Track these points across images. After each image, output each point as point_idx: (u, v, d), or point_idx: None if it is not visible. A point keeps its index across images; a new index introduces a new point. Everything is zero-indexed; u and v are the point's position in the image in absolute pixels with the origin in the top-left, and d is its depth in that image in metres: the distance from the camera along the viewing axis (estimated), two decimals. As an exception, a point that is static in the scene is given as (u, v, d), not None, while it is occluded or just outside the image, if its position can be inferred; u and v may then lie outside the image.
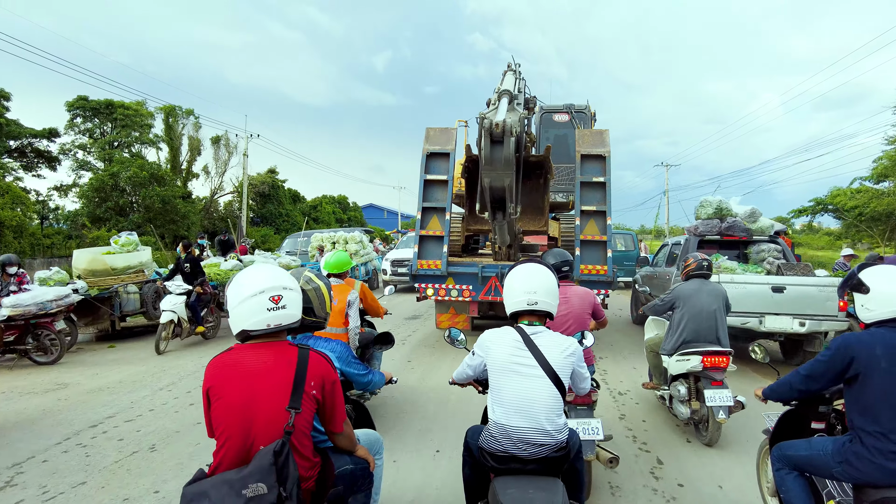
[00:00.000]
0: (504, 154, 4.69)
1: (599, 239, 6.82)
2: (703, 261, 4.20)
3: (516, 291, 2.20)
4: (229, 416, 1.67)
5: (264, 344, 1.77)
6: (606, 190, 7.02)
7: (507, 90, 5.15)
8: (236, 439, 1.66)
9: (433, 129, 7.54)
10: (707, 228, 7.04)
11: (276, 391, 1.69)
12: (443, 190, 7.16)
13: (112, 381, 5.81)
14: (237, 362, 1.73)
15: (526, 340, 2.10)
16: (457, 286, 6.95)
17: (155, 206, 23.12)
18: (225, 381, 1.70)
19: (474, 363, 2.31)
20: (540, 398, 2.00)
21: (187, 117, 27.37)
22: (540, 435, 1.97)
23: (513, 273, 2.28)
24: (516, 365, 2.06)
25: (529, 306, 2.16)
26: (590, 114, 9.97)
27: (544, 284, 2.20)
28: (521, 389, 2.02)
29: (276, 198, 32.43)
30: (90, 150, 23.16)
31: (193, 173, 29.11)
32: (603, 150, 7.21)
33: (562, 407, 2.06)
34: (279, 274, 1.84)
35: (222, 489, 1.55)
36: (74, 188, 22.30)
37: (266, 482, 1.54)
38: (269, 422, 1.67)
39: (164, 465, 3.61)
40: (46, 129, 21.49)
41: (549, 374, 2.03)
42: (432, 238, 7.04)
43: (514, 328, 2.17)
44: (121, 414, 4.70)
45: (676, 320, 4.07)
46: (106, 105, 22.87)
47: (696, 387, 3.96)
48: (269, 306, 1.73)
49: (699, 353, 3.85)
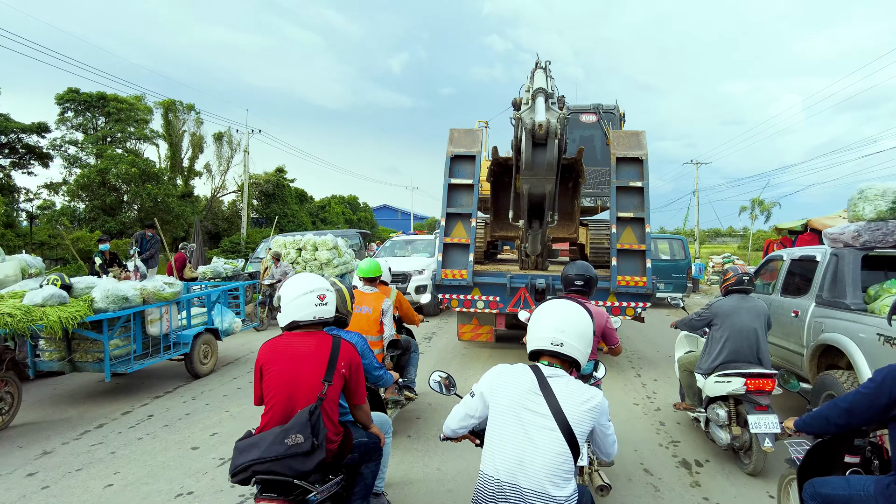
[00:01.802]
0: (547, 158, 4.41)
1: (637, 248, 6.28)
2: (744, 275, 3.95)
3: (542, 327, 1.90)
4: (278, 385, 2.12)
5: (308, 332, 2.25)
6: (644, 195, 6.49)
7: (543, 88, 4.67)
8: (282, 404, 2.11)
9: (457, 130, 7.14)
10: (879, 237, 4.22)
11: (315, 368, 2.14)
12: (468, 195, 6.72)
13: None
14: (287, 345, 2.19)
15: (542, 383, 1.79)
16: (483, 297, 6.50)
17: (146, 206, 22.06)
18: (276, 359, 2.16)
19: (474, 405, 1.94)
20: (544, 456, 1.67)
21: (188, 112, 26.36)
22: (542, 499, 1.63)
23: (543, 307, 2.00)
24: (524, 410, 1.76)
25: (553, 347, 1.85)
26: (619, 114, 9.47)
27: (577, 326, 1.87)
28: (525, 441, 1.70)
29: (282, 197, 31.23)
30: (84, 145, 22.21)
31: (196, 171, 28.14)
32: (640, 152, 6.68)
33: (573, 470, 1.71)
34: (321, 279, 2.37)
35: (269, 439, 2.00)
36: (64, 186, 21.35)
37: (303, 433, 1.97)
38: (309, 391, 2.11)
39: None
40: (35, 124, 20.56)
41: (561, 426, 1.70)
42: (457, 246, 6.57)
43: (531, 367, 1.87)
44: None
45: (715, 339, 3.85)
46: (98, 98, 21.85)
47: (736, 410, 3.77)
48: (317, 302, 2.26)
49: (742, 374, 3.62)
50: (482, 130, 7.46)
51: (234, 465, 2.03)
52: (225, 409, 5.03)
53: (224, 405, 5.13)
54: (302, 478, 2.00)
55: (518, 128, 4.57)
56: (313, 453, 1.98)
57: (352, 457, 2.29)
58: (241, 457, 2.03)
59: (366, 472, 2.43)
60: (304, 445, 1.95)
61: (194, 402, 5.24)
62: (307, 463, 1.97)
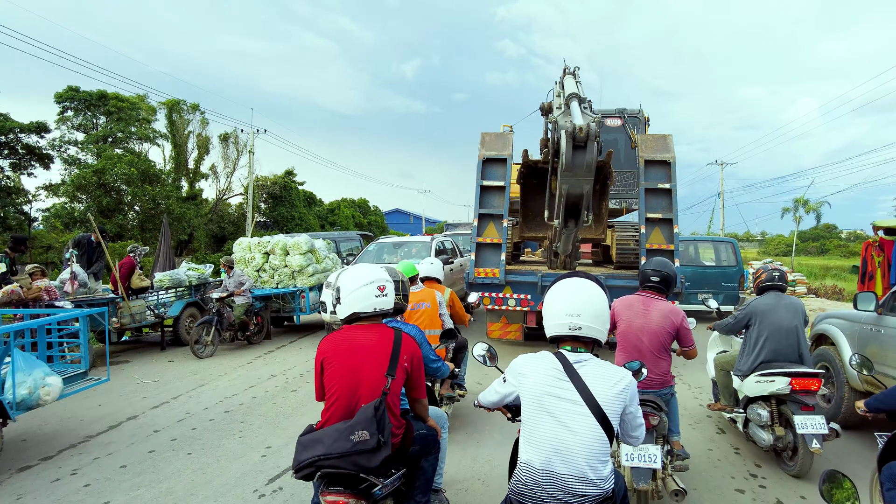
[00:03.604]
0: (587, 159, 4.64)
1: (666, 248, 6.51)
2: (775, 271, 3.90)
3: (557, 312, 1.87)
4: (341, 379, 2.08)
5: (369, 325, 2.22)
6: (672, 197, 6.67)
7: (576, 94, 5.04)
8: (345, 399, 2.07)
9: (488, 134, 7.29)
10: None
11: (377, 362, 2.10)
12: (499, 196, 6.92)
13: None
14: (349, 338, 2.16)
15: (567, 369, 1.78)
16: (514, 295, 6.74)
17: (145, 207, 21.40)
18: (338, 353, 2.12)
19: (504, 391, 2.00)
20: (581, 441, 1.67)
21: (192, 112, 25.77)
22: (581, 484, 1.65)
23: (554, 289, 1.94)
24: (555, 398, 1.75)
25: (571, 331, 1.83)
26: (643, 118, 9.55)
27: (591, 305, 1.84)
28: (560, 428, 1.70)
29: (289, 200, 30.45)
30: (84, 145, 21.69)
31: (202, 173, 27.55)
32: (668, 155, 6.83)
33: (608, 451, 1.72)
34: (381, 270, 2.32)
35: (334, 435, 1.97)
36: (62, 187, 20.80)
37: (368, 430, 1.93)
38: (372, 385, 2.07)
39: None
40: (34, 123, 20.08)
41: (594, 411, 1.70)
42: (489, 245, 6.85)
43: (554, 354, 1.85)
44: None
45: (753, 338, 3.77)
46: (99, 97, 21.33)
47: (779, 410, 3.67)
48: (377, 294, 2.21)
49: (786, 374, 3.53)
50: (512, 134, 7.51)
51: (298, 460, 2.00)
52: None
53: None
54: (367, 473, 1.97)
55: (554, 131, 4.83)
56: (379, 450, 1.94)
57: (413, 449, 2.26)
58: (304, 452, 2.00)
59: (426, 465, 2.36)
60: (370, 442, 1.92)
61: None
62: (373, 459, 1.94)
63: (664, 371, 3.13)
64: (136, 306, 7.30)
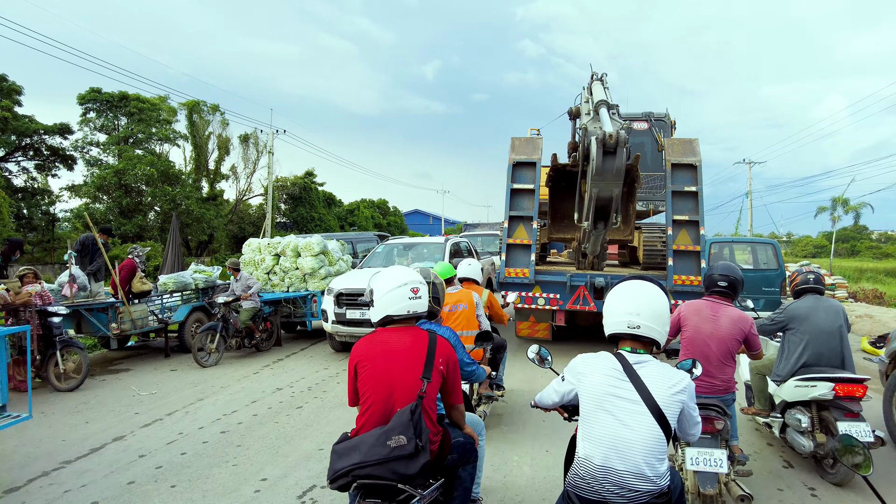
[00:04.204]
0: (616, 164, 4.80)
1: (693, 249, 6.66)
2: (810, 274, 3.79)
3: (617, 311, 1.91)
4: (375, 384, 2.02)
5: (403, 328, 2.16)
6: (699, 199, 6.79)
7: (605, 101, 5.29)
8: (380, 403, 2.00)
9: (518, 138, 7.50)
10: None
11: (413, 365, 2.04)
12: (529, 199, 7.12)
13: None
14: (383, 341, 2.10)
15: (627, 370, 1.81)
16: (544, 294, 6.93)
17: (165, 208, 21.33)
18: (372, 356, 2.06)
19: (563, 390, 2.05)
20: (640, 439, 1.71)
21: (212, 113, 25.73)
22: (638, 480, 1.69)
23: (616, 289, 2.00)
24: (614, 398, 1.78)
25: (630, 329, 1.86)
26: (669, 122, 9.59)
27: (651, 306, 1.87)
28: (619, 426, 1.74)
29: (309, 200, 30.25)
30: (107, 146, 21.76)
31: (222, 174, 27.52)
32: (694, 158, 6.95)
33: (665, 450, 1.76)
34: (413, 272, 2.25)
35: (370, 441, 1.90)
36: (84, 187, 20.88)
37: (405, 434, 1.86)
38: (408, 389, 2.00)
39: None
40: (57, 125, 20.20)
41: (652, 410, 1.74)
42: (519, 246, 7.03)
43: (614, 354, 1.88)
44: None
45: (793, 342, 3.65)
46: (120, 98, 21.37)
47: (819, 416, 3.54)
48: (410, 296, 2.15)
49: (829, 379, 3.39)
50: (541, 138, 7.64)
51: (334, 469, 1.93)
52: None
53: None
54: (405, 482, 1.90)
55: (584, 137, 5.07)
56: (417, 456, 1.88)
57: (451, 458, 2.17)
58: (340, 461, 1.93)
59: (464, 475, 2.28)
60: (408, 447, 1.86)
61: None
62: (411, 466, 1.87)
63: (729, 377, 3.10)
64: (138, 311, 6.87)
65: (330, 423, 4.77)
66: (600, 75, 6.43)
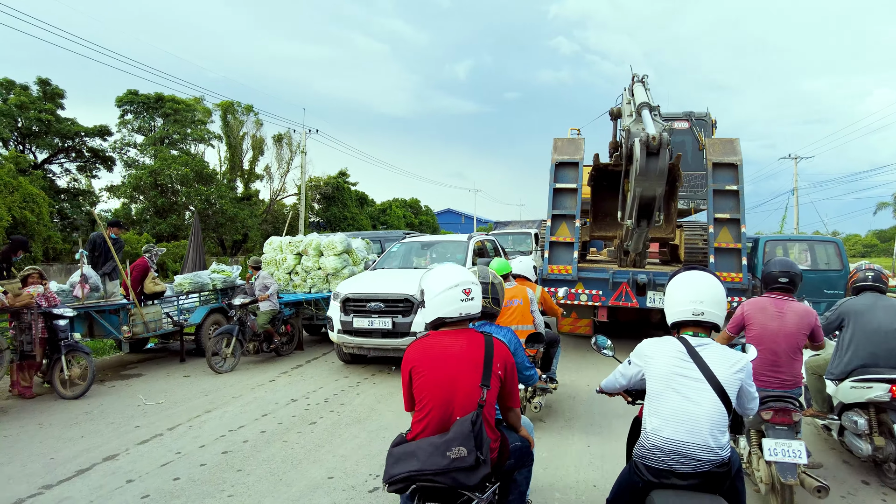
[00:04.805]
0: (659, 165, 4.95)
1: (734, 246, 6.70)
2: (868, 271, 3.69)
3: (680, 300, 2.11)
4: (432, 390, 1.97)
5: (457, 330, 2.09)
6: (740, 198, 6.88)
7: (647, 103, 5.45)
8: (438, 410, 1.96)
9: (560, 139, 7.61)
10: None
11: (470, 371, 1.98)
12: (571, 198, 7.23)
13: None
14: (437, 345, 2.04)
15: (691, 352, 2.00)
16: (586, 291, 7.03)
17: (199, 207, 21.49)
18: (426, 362, 2.01)
19: (629, 373, 2.25)
20: (705, 413, 1.91)
21: (246, 114, 25.90)
22: (702, 451, 1.88)
23: (675, 280, 2.18)
24: (680, 377, 1.97)
25: (695, 316, 2.06)
26: (710, 121, 9.68)
27: (712, 293, 2.08)
28: (685, 402, 1.93)
29: (341, 200, 30.16)
30: (144, 147, 22.14)
31: (257, 174, 27.72)
32: (735, 158, 7.05)
33: (727, 423, 1.95)
34: (466, 272, 2.17)
35: (428, 450, 1.85)
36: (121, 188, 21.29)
37: (466, 446, 1.82)
38: (466, 396, 1.95)
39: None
40: (97, 127, 20.66)
41: (715, 388, 1.93)
42: (562, 244, 7.13)
43: (678, 338, 2.08)
44: None
45: (846, 340, 3.57)
46: (155, 99, 21.70)
47: (878, 419, 3.46)
48: (462, 297, 2.07)
49: (886, 380, 3.33)
50: (583, 139, 7.70)
51: (390, 474, 1.90)
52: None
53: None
54: (465, 489, 1.88)
55: (627, 138, 5.24)
56: (478, 468, 1.84)
57: (508, 463, 2.15)
58: (397, 466, 1.90)
59: (519, 478, 2.27)
60: (468, 460, 1.81)
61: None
62: (472, 477, 1.84)
63: (797, 372, 3.12)
64: (151, 313, 6.51)
65: (344, 442, 4.20)
66: (641, 77, 6.54)
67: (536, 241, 12.66)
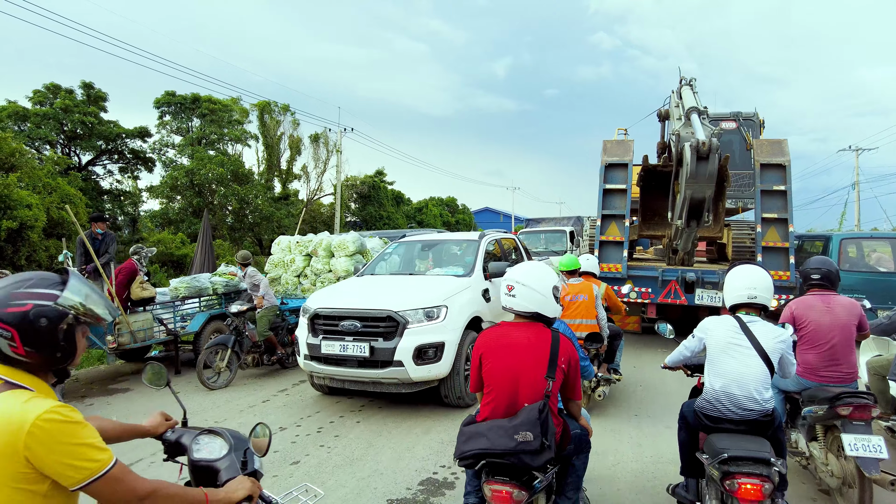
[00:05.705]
0: (709, 169, 5.16)
1: (781, 245, 6.75)
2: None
3: (737, 287, 2.62)
4: (500, 376, 2.15)
5: (525, 323, 2.26)
6: (787, 198, 6.90)
7: (695, 107, 5.69)
8: (504, 397, 2.14)
9: (609, 141, 7.80)
10: None
11: (537, 362, 2.13)
12: (621, 198, 7.39)
13: None
14: (505, 334, 2.23)
15: (742, 327, 2.53)
16: (636, 288, 7.20)
17: (235, 207, 21.46)
18: (495, 349, 2.19)
19: (692, 345, 2.76)
20: (752, 372, 2.45)
21: (283, 114, 25.83)
22: (751, 402, 2.43)
23: (732, 273, 2.70)
24: (733, 345, 2.51)
25: (749, 299, 2.58)
26: (758, 121, 9.77)
27: (763, 282, 2.60)
28: (737, 364, 2.48)
29: (378, 199, 29.71)
30: (182, 148, 22.36)
31: (294, 174, 27.67)
32: (783, 159, 7.08)
33: (769, 381, 2.49)
34: (526, 270, 2.28)
35: (497, 432, 2.01)
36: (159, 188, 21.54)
37: (532, 432, 1.96)
38: (532, 386, 2.11)
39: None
40: (137, 128, 20.97)
41: (760, 354, 2.46)
42: (612, 243, 7.29)
43: (733, 317, 2.59)
44: None
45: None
46: (192, 100, 21.83)
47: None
48: (505, 292, 2.26)
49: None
50: (632, 140, 7.86)
51: (461, 450, 2.07)
52: None
53: None
54: (529, 469, 2.03)
55: (678, 142, 5.52)
56: (542, 452, 1.98)
57: (569, 448, 2.28)
58: (467, 444, 2.06)
59: (577, 463, 2.40)
60: (534, 444, 1.95)
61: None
62: (536, 460, 1.98)
63: (854, 364, 3.17)
64: (140, 321, 5.89)
65: (327, 493, 3.33)
66: (689, 80, 6.64)
67: (572, 239, 11.49)
